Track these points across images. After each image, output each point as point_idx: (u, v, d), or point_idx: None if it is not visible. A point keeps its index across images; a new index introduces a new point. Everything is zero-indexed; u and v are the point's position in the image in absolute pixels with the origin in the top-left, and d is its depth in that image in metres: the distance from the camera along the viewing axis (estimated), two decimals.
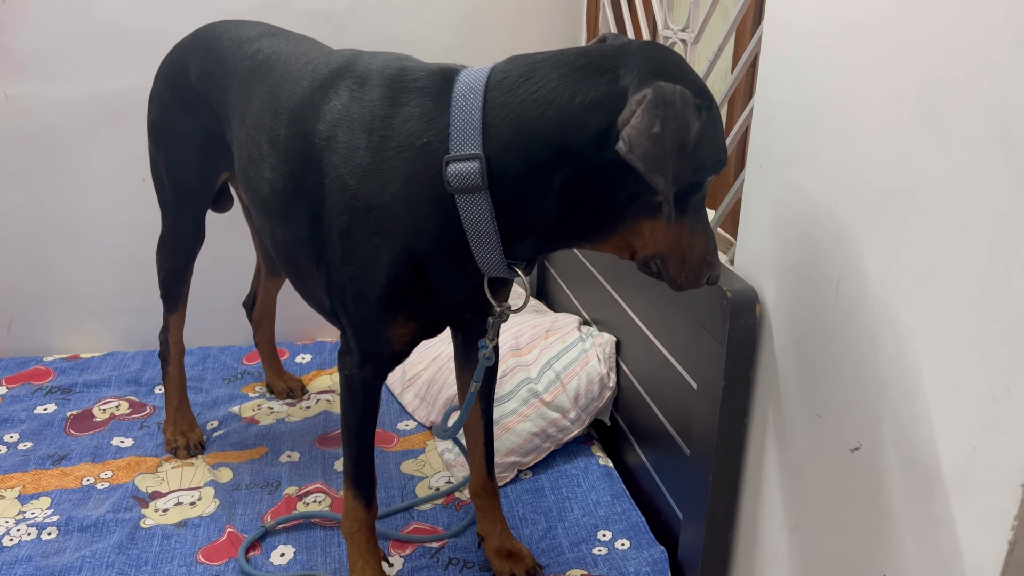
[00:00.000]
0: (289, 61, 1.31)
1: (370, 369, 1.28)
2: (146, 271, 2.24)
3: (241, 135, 1.34)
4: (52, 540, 1.54)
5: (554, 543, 1.55)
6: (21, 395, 2.05)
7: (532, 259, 1.16)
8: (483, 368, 1.26)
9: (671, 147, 0.93)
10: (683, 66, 1.02)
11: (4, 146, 2.09)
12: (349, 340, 1.27)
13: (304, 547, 1.54)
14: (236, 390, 2.13)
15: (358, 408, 1.32)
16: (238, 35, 1.49)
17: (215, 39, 1.51)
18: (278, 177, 1.23)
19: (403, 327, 1.22)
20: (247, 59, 1.41)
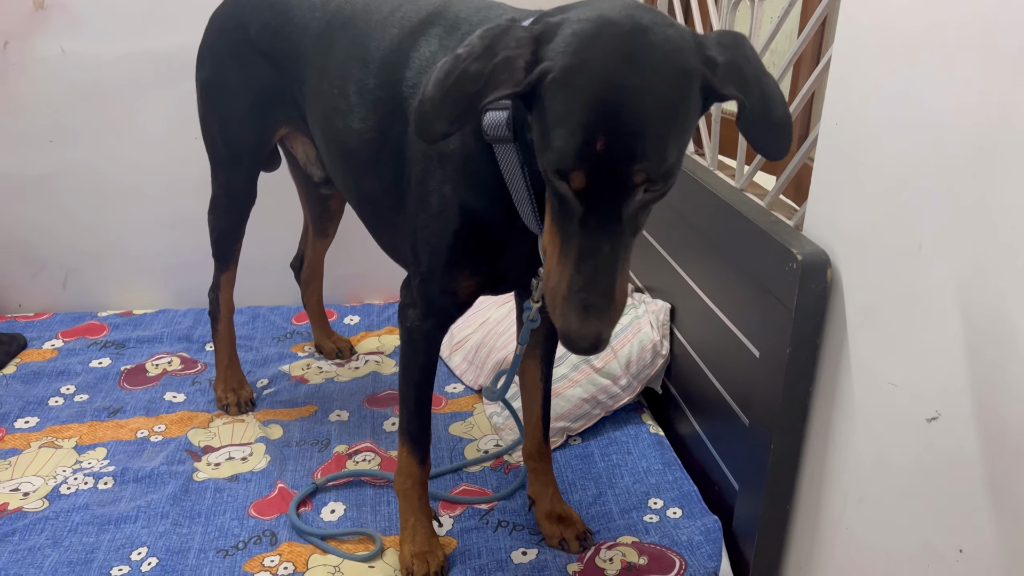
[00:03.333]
0: (370, 10, 1.29)
1: (433, 320, 1.28)
2: (197, 229, 2.25)
3: (323, 88, 1.33)
4: (108, 490, 1.56)
5: (604, 509, 1.53)
6: (77, 349, 2.08)
7: None
8: (527, 330, 1.24)
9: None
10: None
11: (60, 102, 2.10)
12: (413, 291, 1.27)
13: (354, 504, 1.54)
14: (285, 349, 2.14)
15: (419, 360, 1.32)
16: None
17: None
18: (367, 127, 1.23)
19: (468, 279, 1.22)
20: (317, 10, 1.39)
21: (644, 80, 0.83)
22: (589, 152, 0.82)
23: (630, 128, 0.82)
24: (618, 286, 0.87)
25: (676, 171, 0.87)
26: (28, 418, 1.79)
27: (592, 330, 0.86)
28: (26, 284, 2.27)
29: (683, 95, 0.85)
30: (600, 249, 0.85)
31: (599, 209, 0.85)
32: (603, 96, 0.82)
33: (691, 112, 0.87)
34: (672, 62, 0.85)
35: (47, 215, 2.21)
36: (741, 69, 0.89)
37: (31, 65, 2.06)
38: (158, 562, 1.38)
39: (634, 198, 0.85)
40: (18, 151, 2.13)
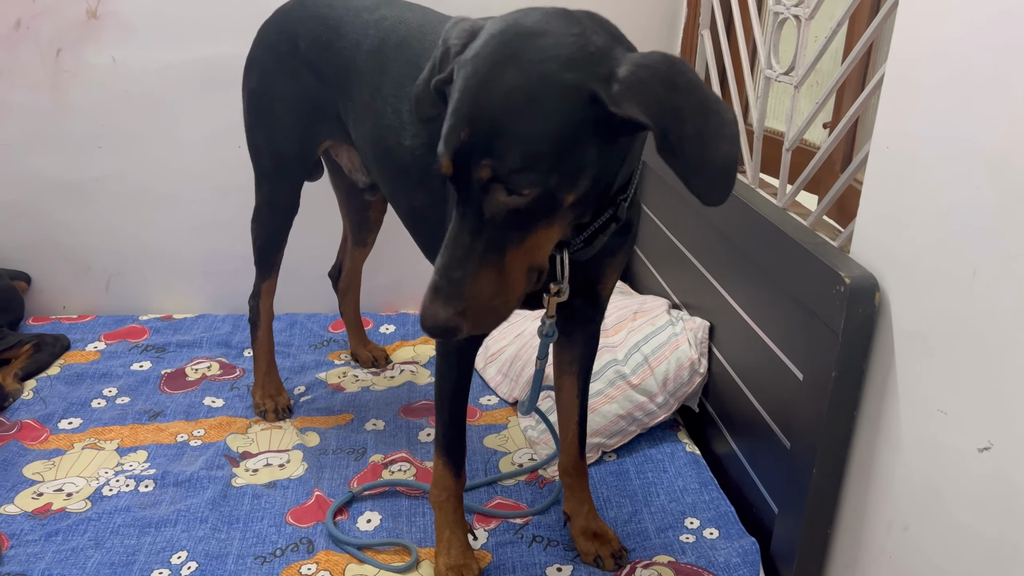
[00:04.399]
0: (425, 31, 1.31)
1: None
2: (237, 236, 2.29)
3: (375, 104, 1.34)
4: (149, 492, 1.58)
5: (640, 527, 1.53)
6: (119, 351, 2.12)
7: (591, 238, 1.10)
8: (545, 344, 1.24)
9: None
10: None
11: (109, 108, 2.15)
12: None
13: (390, 515, 1.55)
14: (322, 357, 2.16)
15: (454, 372, 1.33)
16: (352, 3, 1.48)
17: (327, 7, 1.51)
18: (418, 144, 1.25)
19: None
20: (371, 28, 1.40)
21: (511, 82, 0.87)
22: (454, 141, 0.88)
23: (486, 125, 0.87)
24: (471, 281, 0.90)
25: (543, 181, 0.88)
26: (71, 419, 1.82)
27: (431, 311, 0.89)
28: (70, 286, 2.31)
29: (548, 102, 0.87)
30: (461, 239, 0.90)
31: (466, 201, 0.91)
32: (471, 92, 0.88)
33: (561, 121, 0.87)
34: (544, 69, 0.87)
35: (92, 219, 2.25)
36: (653, 93, 0.86)
37: (83, 72, 2.10)
38: (198, 567, 1.39)
39: (491, 196, 0.89)
40: (67, 156, 2.18)
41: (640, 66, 0.87)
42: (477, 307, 0.91)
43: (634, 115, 0.86)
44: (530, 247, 0.93)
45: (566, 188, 0.90)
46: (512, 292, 0.94)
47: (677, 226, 1.91)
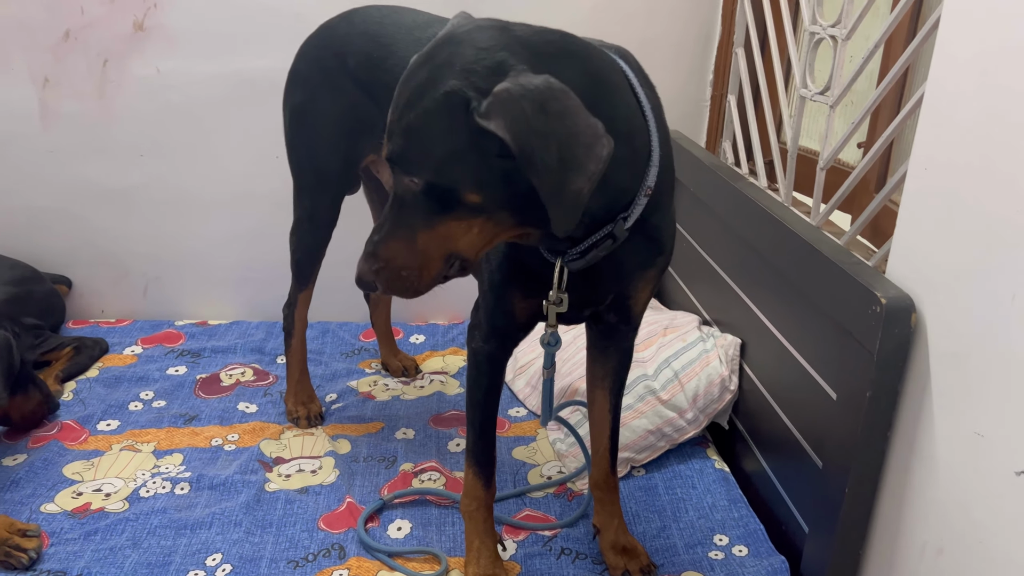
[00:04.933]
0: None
1: (496, 342, 1.31)
2: (272, 245, 2.32)
3: None
4: (185, 495, 1.61)
5: (668, 543, 1.53)
6: (155, 356, 2.16)
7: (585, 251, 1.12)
8: (549, 355, 1.27)
9: None
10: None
11: (152, 118, 2.20)
12: (479, 313, 1.30)
13: (420, 523, 1.56)
14: (353, 365, 2.18)
15: (483, 382, 1.34)
16: (403, 21, 1.51)
17: (378, 24, 1.53)
18: None
19: (522, 301, 1.25)
20: (420, 45, 1.42)
21: (416, 79, 0.97)
22: (387, 127, 1.00)
23: (396, 115, 0.98)
24: (383, 246, 1.01)
25: (430, 174, 0.96)
26: (110, 421, 1.86)
27: (359, 267, 1.03)
28: (109, 291, 2.36)
29: (431, 102, 0.95)
30: (387, 211, 1.03)
31: (393, 179, 1.02)
32: (400, 83, 1.00)
33: (439, 122, 0.94)
34: (440, 74, 0.95)
35: (132, 225, 2.30)
36: (521, 113, 0.89)
37: (128, 83, 2.16)
38: (232, 569, 1.42)
39: (399, 180, 1.00)
40: (110, 163, 2.23)
41: (516, 84, 0.91)
42: (389, 271, 1.02)
43: (496, 130, 0.90)
44: (443, 234, 1.01)
45: (463, 187, 0.97)
46: (424, 269, 1.03)
47: (709, 242, 1.91)
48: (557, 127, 0.90)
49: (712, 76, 2.28)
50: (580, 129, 0.91)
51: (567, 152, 0.90)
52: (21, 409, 1.76)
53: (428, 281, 1.05)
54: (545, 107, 0.89)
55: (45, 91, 2.14)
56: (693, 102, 2.31)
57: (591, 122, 0.91)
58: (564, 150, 0.90)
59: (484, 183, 0.96)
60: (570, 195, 0.91)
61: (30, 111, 2.15)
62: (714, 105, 2.29)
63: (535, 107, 0.89)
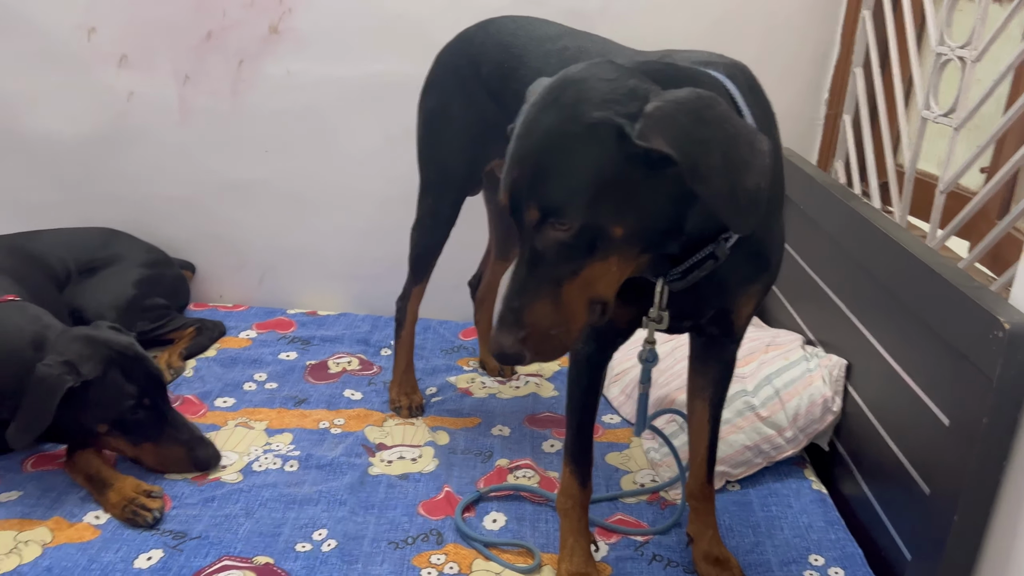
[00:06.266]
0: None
1: (595, 344, 1.34)
2: (380, 242, 2.43)
3: None
4: (294, 472, 1.70)
5: (762, 559, 1.52)
6: (268, 341, 2.28)
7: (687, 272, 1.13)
8: (646, 371, 1.27)
9: None
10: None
11: (281, 117, 2.32)
12: None
13: (515, 517, 1.60)
14: (452, 362, 2.25)
15: (582, 383, 1.37)
16: (535, 33, 1.56)
17: (511, 35, 1.59)
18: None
19: (621, 308, 1.25)
20: (552, 57, 1.48)
21: (548, 124, 0.95)
22: (508, 183, 0.98)
23: (530, 165, 0.96)
24: (528, 310, 0.97)
25: (585, 215, 0.94)
26: (226, 398, 1.98)
27: (496, 339, 0.98)
28: (228, 278, 2.51)
29: (578, 140, 0.94)
30: (520, 271, 0.99)
31: (522, 236, 0.99)
32: (520, 135, 0.99)
33: (591, 156, 0.93)
34: (578, 111, 0.94)
35: (253, 217, 2.44)
36: (679, 126, 0.91)
37: (259, 82, 2.29)
38: (337, 545, 1.49)
39: (541, 233, 0.96)
40: (238, 158, 2.37)
41: (667, 101, 0.94)
42: (537, 336, 0.98)
43: (659, 147, 0.91)
44: (587, 280, 0.99)
45: (611, 221, 0.96)
46: (572, 323, 1.00)
47: (816, 261, 1.89)
48: (716, 133, 0.92)
49: (827, 95, 2.25)
50: (737, 130, 0.93)
51: (732, 154, 0.92)
52: (155, 456, 1.64)
53: (576, 335, 1.01)
54: (701, 115, 0.93)
55: (185, 87, 2.30)
56: (806, 120, 2.29)
57: (744, 123, 0.94)
58: (728, 153, 0.92)
59: (629, 213, 0.97)
60: (746, 194, 0.93)
61: (170, 106, 2.31)
62: (828, 124, 2.27)
63: (691, 117, 0.92)
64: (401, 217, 2.36)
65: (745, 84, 1.13)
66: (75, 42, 2.25)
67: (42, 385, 1.49)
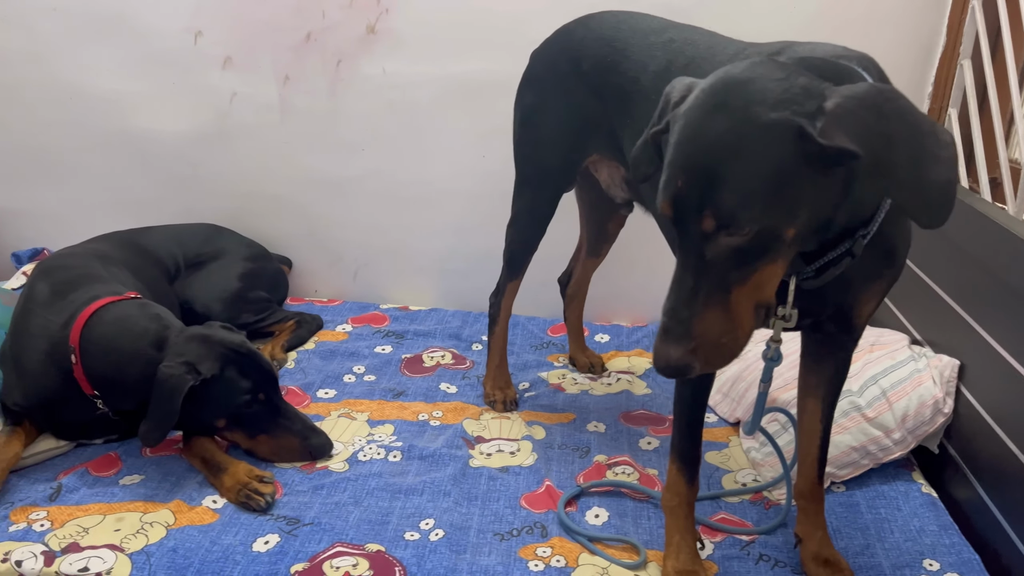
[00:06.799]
0: (715, 51, 1.36)
1: None
2: (472, 238, 2.46)
3: None
4: (397, 463, 1.74)
5: (872, 562, 1.49)
6: (364, 334, 2.33)
7: (822, 269, 1.11)
8: (768, 368, 1.25)
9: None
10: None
11: (376, 116, 2.37)
12: None
13: (617, 513, 1.61)
14: (542, 358, 2.26)
15: (693, 381, 1.36)
16: (638, 26, 1.56)
17: (614, 29, 1.59)
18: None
19: None
20: (657, 49, 1.47)
21: (720, 129, 0.92)
22: (671, 191, 0.95)
23: (702, 173, 0.93)
24: (698, 320, 0.95)
25: (763, 219, 0.92)
26: (328, 390, 2.03)
27: (662, 352, 0.96)
28: (323, 273, 2.57)
29: (758, 143, 0.91)
30: (685, 281, 0.96)
31: (686, 244, 0.96)
32: (686, 141, 0.95)
33: (772, 159, 0.91)
34: (754, 112, 0.92)
35: (348, 214, 2.50)
36: (861, 122, 0.88)
37: (356, 82, 2.34)
38: (444, 535, 1.52)
39: (713, 240, 0.94)
40: (335, 156, 2.43)
41: (847, 97, 0.92)
42: (707, 345, 0.96)
43: (843, 144, 0.89)
44: (755, 284, 0.98)
45: (785, 223, 0.95)
46: (740, 329, 0.98)
47: (923, 258, 1.84)
48: (899, 127, 0.91)
49: (932, 88, 2.19)
50: (920, 123, 0.91)
51: (916, 147, 0.90)
52: (270, 446, 1.69)
53: (745, 342, 0.99)
54: (882, 110, 0.91)
55: (285, 88, 2.37)
56: None
57: (925, 115, 0.92)
58: (913, 146, 0.90)
59: (802, 213, 0.95)
60: (935, 188, 0.91)
61: (272, 105, 2.38)
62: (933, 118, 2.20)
63: (873, 113, 0.91)
64: (491, 214, 2.40)
65: (878, 77, 1.11)
66: (183, 45, 2.34)
67: (166, 385, 1.55)
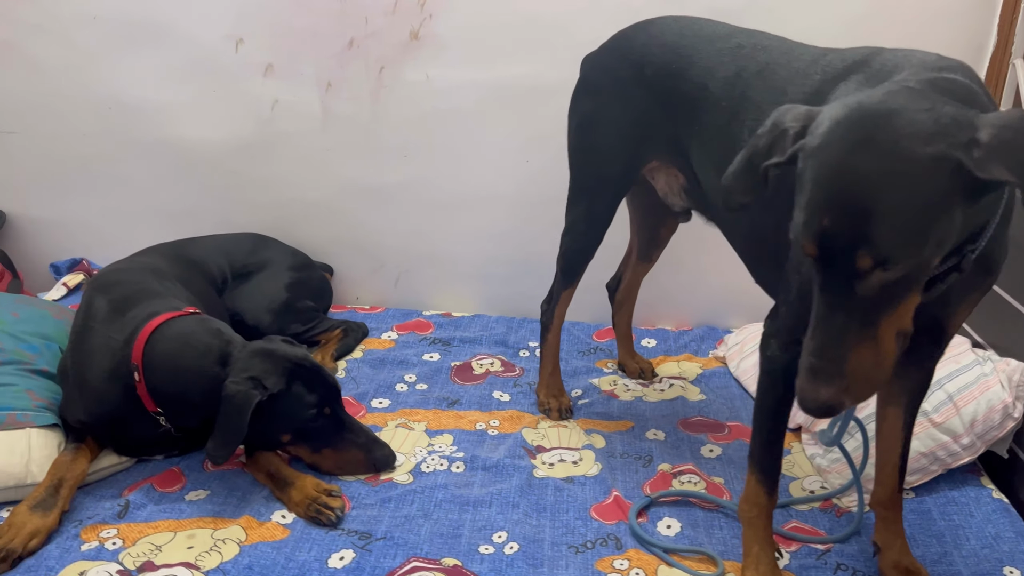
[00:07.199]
0: (791, 57, 1.35)
1: (795, 351, 1.29)
2: (514, 243, 2.45)
3: (731, 129, 1.39)
4: (461, 473, 1.73)
5: (951, 570, 1.48)
6: (410, 342, 2.32)
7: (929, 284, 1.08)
8: None
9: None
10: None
11: (419, 121, 2.36)
12: (779, 322, 1.31)
13: (688, 523, 1.59)
14: (591, 364, 2.25)
15: (776, 391, 1.36)
16: (703, 32, 1.54)
17: (678, 35, 1.57)
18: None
19: None
20: (726, 55, 1.46)
21: (872, 165, 0.89)
22: (816, 229, 0.92)
23: (854, 211, 0.90)
24: (852, 358, 0.94)
25: (920, 254, 0.91)
26: (381, 399, 2.02)
27: (811, 392, 0.96)
28: (365, 280, 2.56)
29: (915, 180, 0.89)
30: (832, 319, 0.94)
31: (832, 281, 0.94)
32: (832, 178, 0.91)
33: (930, 195, 0.89)
34: (908, 147, 0.89)
35: (390, 221, 2.48)
36: (1018, 149, 0.88)
37: (399, 88, 2.33)
38: (519, 548, 1.50)
39: (867, 278, 0.92)
40: (376, 163, 2.42)
41: (1001, 128, 0.90)
42: (859, 381, 0.95)
43: (1000, 176, 0.89)
44: (901, 314, 0.97)
45: (936, 253, 0.95)
46: (887, 360, 0.98)
47: None
48: None
49: None
50: None
51: None
52: (334, 460, 1.68)
53: (890, 371, 0.98)
54: None
55: (327, 94, 2.35)
56: None
57: None
58: None
59: (948, 242, 0.95)
60: None
61: (314, 112, 2.37)
62: None
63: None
64: (534, 219, 2.39)
65: (982, 90, 1.09)
66: (224, 53, 2.32)
67: (233, 402, 1.54)
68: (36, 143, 2.47)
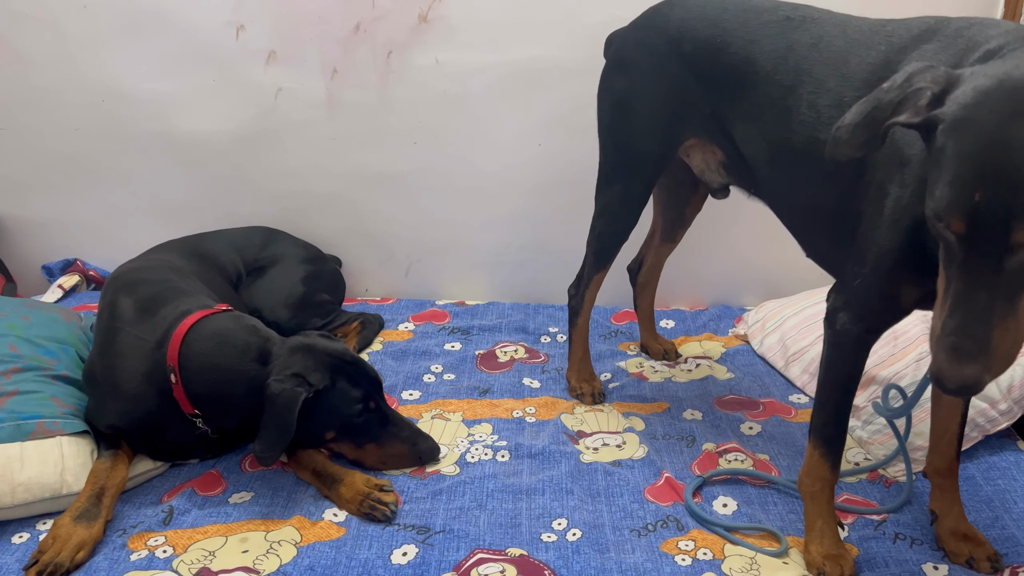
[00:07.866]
0: (847, 30, 1.34)
1: (865, 325, 1.31)
2: (528, 229, 2.42)
3: (787, 102, 1.38)
4: (507, 462, 1.70)
5: (1005, 533, 1.50)
6: (429, 332, 2.28)
7: None
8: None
9: None
10: None
11: (428, 107, 2.31)
12: (849, 295, 1.31)
13: (743, 501, 1.59)
14: (614, 347, 2.24)
15: (846, 365, 1.36)
16: (746, 4, 1.52)
17: (720, 9, 1.55)
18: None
19: (911, 287, 1.23)
20: (773, 27, 1.44)
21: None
22: (966, 205, 0.89)
23: (1010, 185, 0.87)
24: (996, 335, 0.91)
25: None
26: (411, 391, 1.98)
27: (956, 373, 0.92)
28: (375, 271, 2.51)
29: None
30: (976, 296, 0.92)
31: (978, 258, 0.91)
32: (984, 152, 0.89)
33: None
34: None
35: (400, 209, 2.43)
36: None
37: (408, 73, 2.27)
38: (582, 534, 1.48)
39: (1017, 254, 0.89)
40: (385, 150, 2.36)
41: None
42: (999, 359, 0.93)
43: None
44: None
45: None
46: (1022, 332, 0.95)
47: None
48: None
49: None
50: None
51: None
52: (378, 455, 1.65)
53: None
54: None
55: (333, 81, 2.29)
56: None
57: None
58: None
59: None
60: None
61: (319, 100, 2.30)
62: None
63: None
64: (547, 204, 2.37)
65: None
66: (225, 40, 2.24)
67: (279, 400, 1.49)
68: (26, 139, 2.36)
